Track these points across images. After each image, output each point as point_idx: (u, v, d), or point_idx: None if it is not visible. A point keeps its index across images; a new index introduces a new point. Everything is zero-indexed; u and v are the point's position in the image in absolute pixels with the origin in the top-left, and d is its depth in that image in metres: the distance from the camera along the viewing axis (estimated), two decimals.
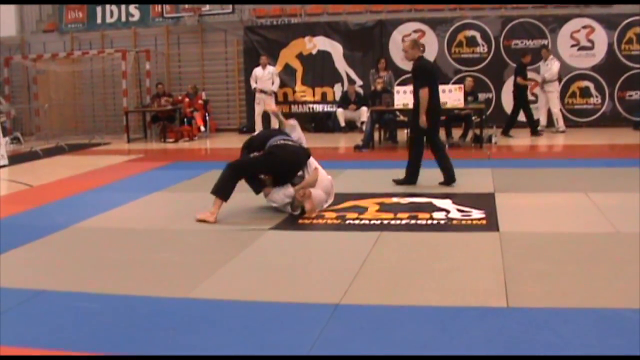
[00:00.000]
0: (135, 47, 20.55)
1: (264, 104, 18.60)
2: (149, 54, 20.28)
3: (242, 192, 8.48)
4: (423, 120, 9.77)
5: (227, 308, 5.15)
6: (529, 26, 18.34)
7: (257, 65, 18.84)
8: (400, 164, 12.21)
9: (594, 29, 17.97)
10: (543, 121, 17.28)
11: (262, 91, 18.59)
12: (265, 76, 18.62)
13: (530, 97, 17.81)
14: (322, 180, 8.61)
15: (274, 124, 18.21)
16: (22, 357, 4.07)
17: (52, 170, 13.31)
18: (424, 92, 9.71)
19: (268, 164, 8.43)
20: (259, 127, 18.51)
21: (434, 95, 9.83)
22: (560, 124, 17.07)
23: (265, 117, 18.61)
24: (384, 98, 15.28)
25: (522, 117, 18.14)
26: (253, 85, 18.73)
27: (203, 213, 8.10)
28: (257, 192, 8.57)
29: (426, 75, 9.87)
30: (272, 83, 18.74)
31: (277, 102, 19.17)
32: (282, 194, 8.28)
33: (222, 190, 8.16)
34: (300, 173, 8.49)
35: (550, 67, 16.98)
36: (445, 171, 10.07)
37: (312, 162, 8.68)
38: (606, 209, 8.00)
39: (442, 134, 15.12)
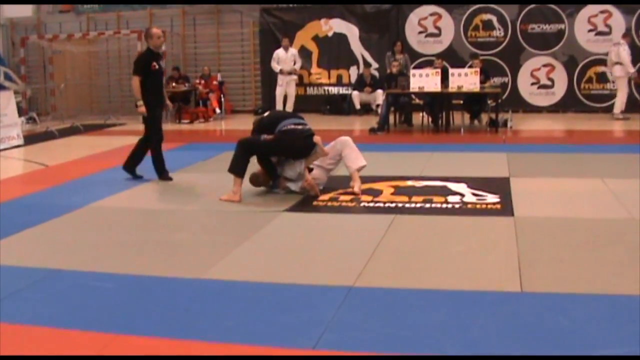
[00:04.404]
0: None
1: (286, 85, 18.53)
2: (164, 35, 20.17)
3: None
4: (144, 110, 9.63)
5: (241, 289, 5.16)
6: (546, 10, 18.18)
7: (278, 47, 18.74)
8: (416, 147, 12.26)
9: (612, 14, 17.79)
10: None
11: (289, 73, 18.48)
12: (288, 58, 18.52)
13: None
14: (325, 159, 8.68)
15: (289, 107, 18.27)
16: (22, 357, 4.07)
17: (68, 150, 13.36)
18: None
19: (276, 149, 8.46)
20: (279, 108, 18.43)
21: None
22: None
23: (284, 99, 18.58)
24: (400, 81, 15.25)
25: (538, 101, 18.17)
26: (276, 67, 18.44)
27: (227, 194, 8.16)
28: (273, 184, 8.64)
29: None
30: (294, 63, 18.67)
31: (296, 84, 19.06)
32: (295, 171, 8.40)
33: (236, 167, 8.21)
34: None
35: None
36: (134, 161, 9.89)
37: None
38: (622, 194, 7.96)
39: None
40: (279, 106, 18.44)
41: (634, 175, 8.96)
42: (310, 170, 8.46)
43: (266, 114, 9.01)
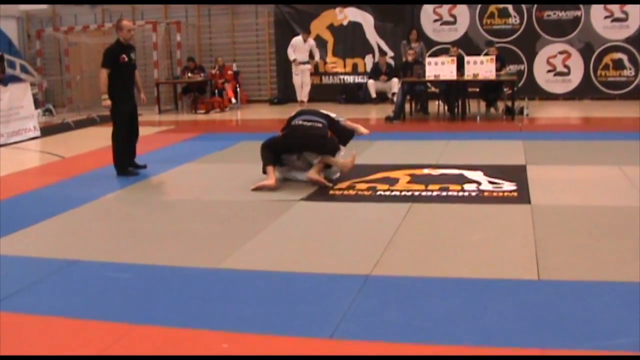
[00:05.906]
0: (166, 19, 20.55)
1: (301, 74, 18.49)
2: (179, 26, 20.28)
3: None
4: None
5: (257, 279, 5.17)
6: None
7: (293, 36, 18.74)
8: (432, 136, 12.21)
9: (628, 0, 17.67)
10: None
11: (302, 63, 18.42)
12: (305, 48, 18.46)
13: None
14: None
15: (304, 96, 18.25)
16: (21, 357, 4.08)
17: (84, 141, 13.38)
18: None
19: (284, 144, 8.58)
20: (299, 96, 18.47)
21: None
22: None
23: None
24: (415, 69, 15.19)
25: (555, 89, 18.07)
26: (292, 55, 18.42)
27: (261, 182, 8.17)
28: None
29: None
30: (311, 54, 18.63)
31: (310, 74, 19.02)
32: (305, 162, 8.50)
33: (265, 162, 8.35)
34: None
35: None
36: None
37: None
38: (639, 182, 7.91)
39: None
40: (298, 94, 18.45)
41: None
42: (329, 166, 8.47)
43: (294, 113, 9.11)
